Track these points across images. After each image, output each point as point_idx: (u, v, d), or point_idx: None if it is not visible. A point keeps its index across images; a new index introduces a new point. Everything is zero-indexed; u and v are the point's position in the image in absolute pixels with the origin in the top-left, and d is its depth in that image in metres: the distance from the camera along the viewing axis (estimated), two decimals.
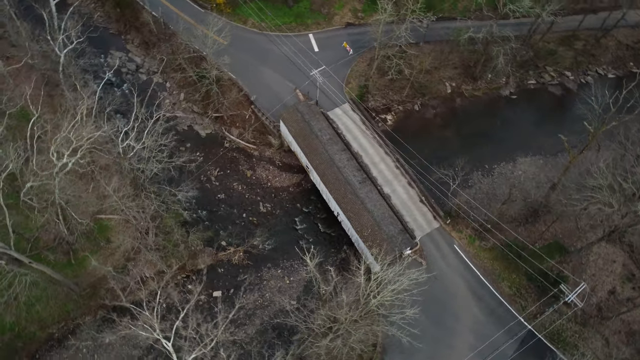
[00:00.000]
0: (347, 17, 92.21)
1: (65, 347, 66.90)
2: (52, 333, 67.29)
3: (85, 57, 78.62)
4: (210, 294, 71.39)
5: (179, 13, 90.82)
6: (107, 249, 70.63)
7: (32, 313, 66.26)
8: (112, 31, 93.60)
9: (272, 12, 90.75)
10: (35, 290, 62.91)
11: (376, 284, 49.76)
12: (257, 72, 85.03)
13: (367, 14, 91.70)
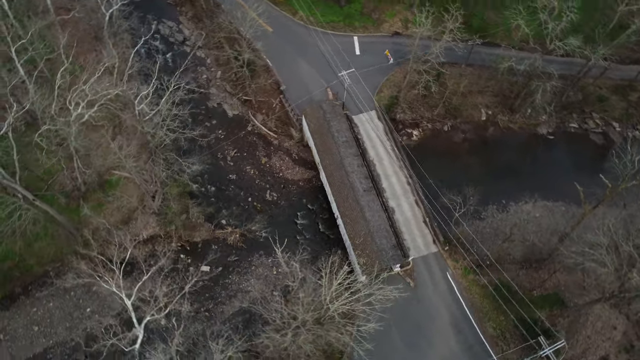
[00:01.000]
0: (396, 26, 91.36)
1: (55, 286, 70.65)
2: (47, 270, 71.11)
3: (133, 19, 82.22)
4: (198, 269, 72.91)
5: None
6: (114, 203, 73.54)
7: (34, 248, 70.10)
8: (169, 1, 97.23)
9: (322, 8, 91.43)
10: (36, 227, 66.71)
11: (335, 290, 49.33)
12: (293, 64, 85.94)
13: (416, 25, 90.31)
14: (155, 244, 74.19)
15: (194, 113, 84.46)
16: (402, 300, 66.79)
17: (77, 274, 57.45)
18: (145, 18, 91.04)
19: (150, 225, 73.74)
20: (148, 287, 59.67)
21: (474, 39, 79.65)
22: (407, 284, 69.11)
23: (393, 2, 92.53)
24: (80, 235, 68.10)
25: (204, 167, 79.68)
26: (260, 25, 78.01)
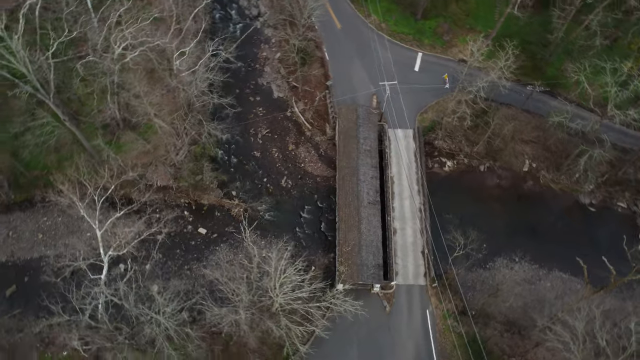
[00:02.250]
0: (465, 52, 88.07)
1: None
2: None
3: None
4: (197, 228, 75.57)
5: None
6: (141, 146, 77.57)
7: (62, 166, 75.69)
8: None
9: (397, 18, 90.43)
10: (64, 147, 72.41)
11: (279, 281, 49.44)
12: (348, 63, 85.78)
13: (485, 57, 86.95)
14: (166, 195, 77.63)
15: (242, 86, 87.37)
16: (373, 323, 65.94)
17: (59, 193, 60.97)
18: None
19: (166, 177, 77.09)
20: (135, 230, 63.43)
21: (535, 85, 75.52)
22: (383, 307, 67.55)
23: (470, 29, 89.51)
24: (99, 164, 72.57)
25: (234, 138, 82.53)
26: (321, 16, 78.72)
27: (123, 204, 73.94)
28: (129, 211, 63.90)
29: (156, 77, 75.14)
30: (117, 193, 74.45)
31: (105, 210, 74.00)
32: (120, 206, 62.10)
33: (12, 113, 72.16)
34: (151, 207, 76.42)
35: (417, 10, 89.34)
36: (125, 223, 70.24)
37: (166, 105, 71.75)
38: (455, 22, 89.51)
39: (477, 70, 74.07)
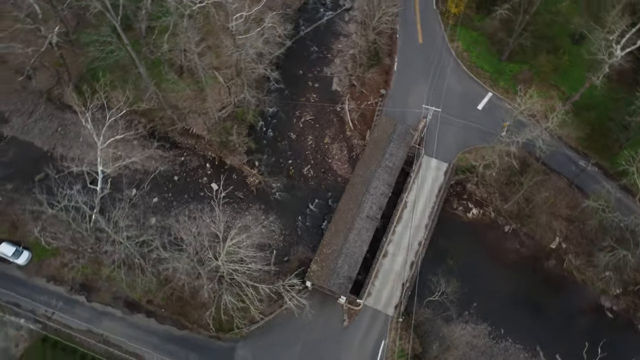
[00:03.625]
0: (536, 107, 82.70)
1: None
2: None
3: None
4: (209, 183, 78.93)
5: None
6: (197, 93, 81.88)
7: (114, 85, 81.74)
8: None
9: (482, 50, 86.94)
10: (120, 69, 78.80)
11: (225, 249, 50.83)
12: (414, 79, 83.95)
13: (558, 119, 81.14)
14: (197, 144, 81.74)
15: (308, 69, 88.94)
16: (326, 331, 65.50)
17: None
18: None
19: (203, 127, 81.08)
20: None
21: (589, 161, 69.53)
22: (342, 320, 66.67)
23: (553, 86, 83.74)
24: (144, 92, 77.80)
25: (278, 114, 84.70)
26: (407, 25, 77.82)
27: (159, 139, 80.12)
28: (147, 141, 67.97)
29: (213, 31, 79.01)
30: (155, 127, 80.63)
31: (143, 139, 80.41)
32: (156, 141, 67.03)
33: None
34: (181, 148, 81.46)
35: (504, 50, 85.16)
36: (152, 155, 76.02)
37: (217, 62, 75.15)
38: (540, 73, 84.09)
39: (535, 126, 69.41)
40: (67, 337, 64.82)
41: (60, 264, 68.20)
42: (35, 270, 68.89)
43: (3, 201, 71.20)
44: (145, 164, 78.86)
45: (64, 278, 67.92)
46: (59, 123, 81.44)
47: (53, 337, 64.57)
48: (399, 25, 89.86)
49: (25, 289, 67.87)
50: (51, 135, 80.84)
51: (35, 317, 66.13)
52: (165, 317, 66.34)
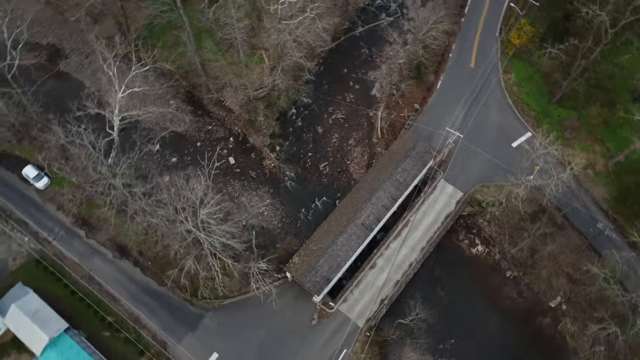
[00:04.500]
0: (579, 160, 78.01)
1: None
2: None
3: None
4: (227, 156, 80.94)
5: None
6: (239, 69, 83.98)
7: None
8: None
9: (534, 89, 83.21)
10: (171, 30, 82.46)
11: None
12: (454, 101, 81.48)
13: (599, 176, 76.74)
14: (227, 117, 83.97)
15: (353, 68, 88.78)
16: (293, 325, 65.86)
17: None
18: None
19: (236, 102, 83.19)
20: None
21: (606, 227, 65.08)
22: (311, 318, 66.70)
23: (598, 140, 78.80)
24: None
25: (311, 106, 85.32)
26: (463, 46, 76.18)
27: (194, 104, 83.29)
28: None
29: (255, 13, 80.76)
30: (193, 92, 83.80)
31: (179, 100, 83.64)
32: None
33: None
34: (212, 118, 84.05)
35: (556, 92, 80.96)
36: (183, 119, 79.35)
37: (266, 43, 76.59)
38: (588, 124, 79.37)
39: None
40: (58, 266, 68.91)
41: (70, 197, 72.62)
42: (50, 197, 73.76)
43: (40, 127, 76.45)
44: (174, 125, 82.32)
45: (71, 210, 72.29)
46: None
47: (45, 262, 68.82)
48: (455, 44, 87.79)
49: (36, 212, 72.90)
50: (99, 78, 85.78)
51: (37, 239, 70.83)
52: (149, 270, 69.13)
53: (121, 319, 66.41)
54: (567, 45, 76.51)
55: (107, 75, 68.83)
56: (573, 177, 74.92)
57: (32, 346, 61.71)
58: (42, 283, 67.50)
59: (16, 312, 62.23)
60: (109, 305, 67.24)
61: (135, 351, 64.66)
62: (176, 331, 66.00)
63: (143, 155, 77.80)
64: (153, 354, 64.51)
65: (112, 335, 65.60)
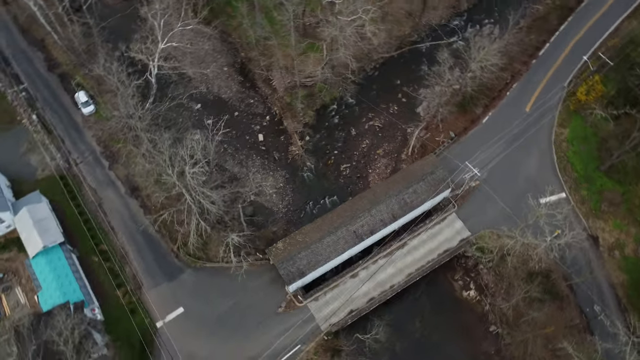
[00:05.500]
0: (609, 237, 72.83)
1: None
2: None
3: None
4: (257, 133, 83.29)
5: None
6: (291, 53, 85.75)
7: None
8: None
9: (585, 150, 77.89)
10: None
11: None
12: (495, 140, 77.70)
13: (625, 260, 71.13)
14: (269, 95, 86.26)
15: (407, 81, 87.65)
16: (259, 307, 67.28)
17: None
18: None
19: (282, 84, 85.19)
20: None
21: (605, 311, 60.29)
22: (278, 305, 67.71)
23: (637, 223, 72.56)
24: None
25: (353, 107, 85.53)
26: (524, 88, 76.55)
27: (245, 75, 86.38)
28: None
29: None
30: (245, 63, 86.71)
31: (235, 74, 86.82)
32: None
33: None
34: (256, 93, 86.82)
35: (606, 160, 75.41)
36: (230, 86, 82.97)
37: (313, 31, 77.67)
38: (630, 202, 73.34)
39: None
40: (76, 187, 74.71)
41: (105, 128, 78.29)
42: (90, 124, 80.00)
43: (103, 59, 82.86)
44: (221, 90, 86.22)
45: (102, 140, 78.10)
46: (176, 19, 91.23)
47: (67, 180, 74.88)
48: (517, 83, 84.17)
49: (75, 134, 79.53)
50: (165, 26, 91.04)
51: (67, 158, 77.16)
52: (150, 213, 72.79)
53: (112, 250, 70.85)
54: (634, 113, 71.23)
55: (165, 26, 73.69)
56: (597, 253, 70.35)
57: (28, 248, 67.61)
58: (56, 197, 73.52)
59: (25, 215, 68.39)
60: (107, 235, 71.96)
61: (113, 283, 68.79)
62: (155, 277, 69.54)
63: (182, 110, 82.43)
64: (128, 291, 68.32)
65: (99, 262, 70.22)
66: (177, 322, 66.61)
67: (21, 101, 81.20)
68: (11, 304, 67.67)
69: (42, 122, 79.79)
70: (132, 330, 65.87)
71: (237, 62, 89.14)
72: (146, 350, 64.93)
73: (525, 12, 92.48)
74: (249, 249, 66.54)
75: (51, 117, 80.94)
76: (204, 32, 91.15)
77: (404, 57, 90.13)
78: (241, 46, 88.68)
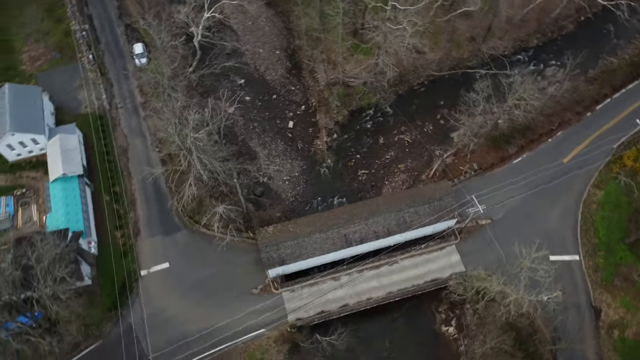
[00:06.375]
0: (611, 311, 68.18)
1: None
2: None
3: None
4: (289, 120, 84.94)
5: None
6: (337, 49, 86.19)
7: None
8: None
9: (614, 218, 72.91)
10: None
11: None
12: (524, 183, 75.03)
13: (622, 342, 66.32)
14: (312, 85, 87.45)
15: (451, 103, 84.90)
16: (240, 282, 69.28)
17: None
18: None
19: (325, 79, 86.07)
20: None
21: None
22: (255, 287, 69.20)
23: None
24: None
25: (389, 116, 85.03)
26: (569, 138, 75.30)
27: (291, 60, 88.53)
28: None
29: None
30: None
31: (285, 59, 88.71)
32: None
33: None
34: (299, 81, 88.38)
35: (633, 233, 70.27)
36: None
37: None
38: None
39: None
40: (110, 128, 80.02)
41: (151, 82, 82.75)
42: (140, 74, 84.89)
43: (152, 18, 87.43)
44: (267, 70, 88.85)
45: (144, 92, 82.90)
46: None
47: (105, 121, 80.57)
48: (562, 132, 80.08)
49: (124, 80, 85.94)
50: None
51: (110, 101, 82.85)
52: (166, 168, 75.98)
53: (124, 194, 75.18)
54: None
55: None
56: (594, 325, 66.16)
57: (50, 172, 73.25)
58: (90, 133, 79.01)
59: (56, 142, 74.16)
60: (123, 179, 76.46)
61: (116, 223, 73.08)
62: (153, 228, 73.22)
63: (225, 81, 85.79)
64: (125, 234, 72.33)
65: (109, 202, 74.95)
66: (159, 275, 69.77)
67: (86, 41, 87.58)
68: (24, 219, 73.65)
69: (99, 63, 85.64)
70: (118, 271, 69.81)
71: (289, 47, 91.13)
72: (127, 292, 68.53)
73: (597, 63, 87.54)
74: (239, 224, 68.13)
75: (108, 61, 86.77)
76: (267, 14, 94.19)
77: (454, 79, 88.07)
78: (297, 34, 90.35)
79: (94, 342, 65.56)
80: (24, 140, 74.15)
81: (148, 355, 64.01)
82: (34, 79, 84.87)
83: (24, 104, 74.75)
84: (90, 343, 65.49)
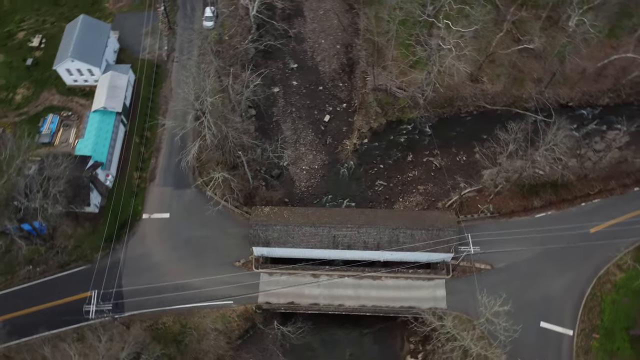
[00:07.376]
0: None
1: None
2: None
3: None
4: (327, 113, 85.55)
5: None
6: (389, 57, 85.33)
7: None
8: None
9: (627, 307, 67.02)
10: None
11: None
12: (539, 241, 70.56)
13: None
14: (359, 87, 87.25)
15: (487, 138, 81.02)
16: (221, 250, 71.13)
17: None
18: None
19: (373, 83, 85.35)
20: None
21: None
22: (239, 260, 70.88)
23: None
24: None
25: (423, 136, 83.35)
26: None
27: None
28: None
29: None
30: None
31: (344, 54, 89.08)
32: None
33: None
34: (348, 78, 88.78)
35: (638, 324, 64.23)
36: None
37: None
38: None
39: None
40: (162, 77, 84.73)
41: (209, 45, 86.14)
42: (205, 35, 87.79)
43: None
44: (321, 63, 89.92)
45: (201, 51, 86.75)
46: None
47: (159, 70, 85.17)
48: (600, 200, 74.49)
49: (190, 36, 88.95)
50: None
51: (169, 54, 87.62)
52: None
53: (152, 140, 79.77)
54: None
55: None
56: None
57: (95, 103, 78.89)
58: (142, 78, 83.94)
59: (107, 77, 79.77)
60: (157, 127, 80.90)
61: (137, 165, 77.66)
62: (167, 178, 77.21)
63: (278, 61, 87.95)
64: (141, 177, 76.64)
65: (138, 143, 79.77)
66: (158, 223, 73.30)
67: None
68: (62, 138, 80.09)
69: (170, 17, 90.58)
70: (125, 207, 74.14)
71: (350, 45, 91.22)
72: (126, 228, 72.70)
73: None
74: (236, 196, 69.82)
75: (180, 16, 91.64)
76: (341, 8, 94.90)
77: (506, 117, 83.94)
78: (362, 33, 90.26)
79: (82, 265, 70.24)
80: (82, 68, 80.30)
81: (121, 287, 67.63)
82: (112, 17, 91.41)
83: (90, 37, 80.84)
84: (79, 265, 70.23)
